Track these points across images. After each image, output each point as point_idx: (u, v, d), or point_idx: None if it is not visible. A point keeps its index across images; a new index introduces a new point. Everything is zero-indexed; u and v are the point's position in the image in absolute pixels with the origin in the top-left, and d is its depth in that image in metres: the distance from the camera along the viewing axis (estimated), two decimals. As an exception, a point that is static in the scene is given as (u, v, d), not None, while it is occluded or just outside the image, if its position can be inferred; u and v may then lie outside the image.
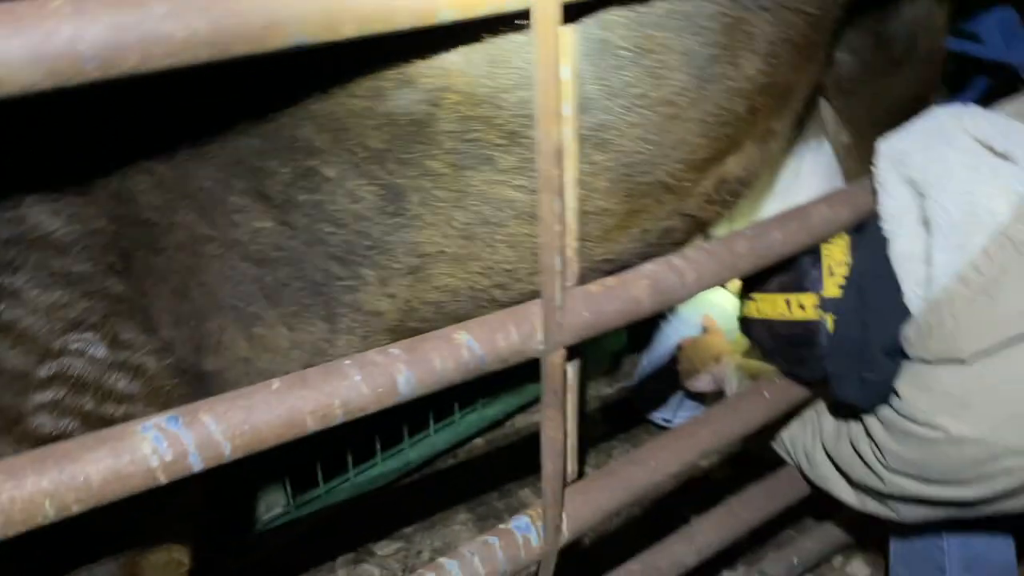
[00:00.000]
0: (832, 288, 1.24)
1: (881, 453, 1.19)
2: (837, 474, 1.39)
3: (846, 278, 1.22)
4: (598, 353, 2.90)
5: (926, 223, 1.09)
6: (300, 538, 2.21)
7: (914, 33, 1.47)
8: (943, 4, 1.55)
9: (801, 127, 1.58)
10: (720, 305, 2.28)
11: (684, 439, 1.29)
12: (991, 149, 1.09)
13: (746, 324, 1.44)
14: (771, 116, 1.21)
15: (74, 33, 0.55)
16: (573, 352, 0.96)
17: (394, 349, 0.83)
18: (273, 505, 2.14)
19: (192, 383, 1.02)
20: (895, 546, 1.66)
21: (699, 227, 1.30)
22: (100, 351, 0.90)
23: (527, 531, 1.08)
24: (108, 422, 0.71)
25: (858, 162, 1.59)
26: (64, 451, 0.68)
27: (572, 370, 0.98)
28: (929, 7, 1.48)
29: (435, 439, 2.45)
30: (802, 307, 1.27)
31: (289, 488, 2.13)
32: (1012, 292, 1.01)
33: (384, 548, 2.25)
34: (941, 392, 1.08)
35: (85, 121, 0.89)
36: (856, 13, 1.34)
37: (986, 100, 1.28)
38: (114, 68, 0.57)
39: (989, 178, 1.05)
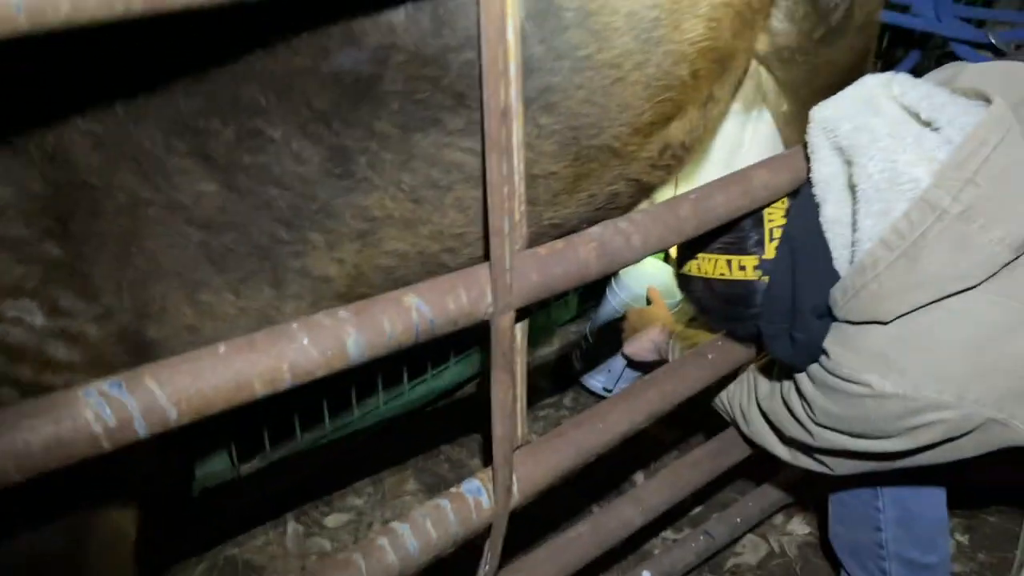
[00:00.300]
0: (772, 251, 1.28)
1: (811, 408, 1.23)
2: (770, 430, 1.44)
3: (780, 239, 1.26)
4: (546, 323, 2.92)
5: (853, 189, 1.13)
6: (248, 511, 2.19)
7: (851, 3, 1.50)
8: (879, -26, 1.59)
9: (742, 95, 1.61)
10: (664, 277, 2.33)
11: (632, 401, 1.32)
12: (917, 116, 1.13)
13: (685, 281, 1.47)
14: (713, 82, 1.23)
15: (2, -19, 0.53)
16: (521, 315, 0.96)
17: (342, 312, 0.82)
18: (217, 470, 2.11)
19: (134, 352, 1.00)
20: (833, 505, 1.73)
21: (644, 191, 1.32)
22: (38, 319, 0.87)
23: (478, 494, 1.09)
24: (47, 392, 0.69)
25: (797, 131, 1.63)
26: (2, 418, 0.66)
27: (521, 333, 0.99)
28: (865, -23, 1.51)
29: (383, 410, 2.45)
30: (742, 268, 1.31)
31: (235, 453, 2.11)
32: (931, 255, 1.05)
33: (334, 520, 2.25)
34: (866, 350, 1.13)
35: (16, 78, 0.85)
36: (795, -18, 1.36)
37: (918, 72, 1.32)
38: (46, 18, 0.55)
39: (912, 146, 1.09)
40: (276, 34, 0.89)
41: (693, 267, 1.41)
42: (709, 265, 1.36)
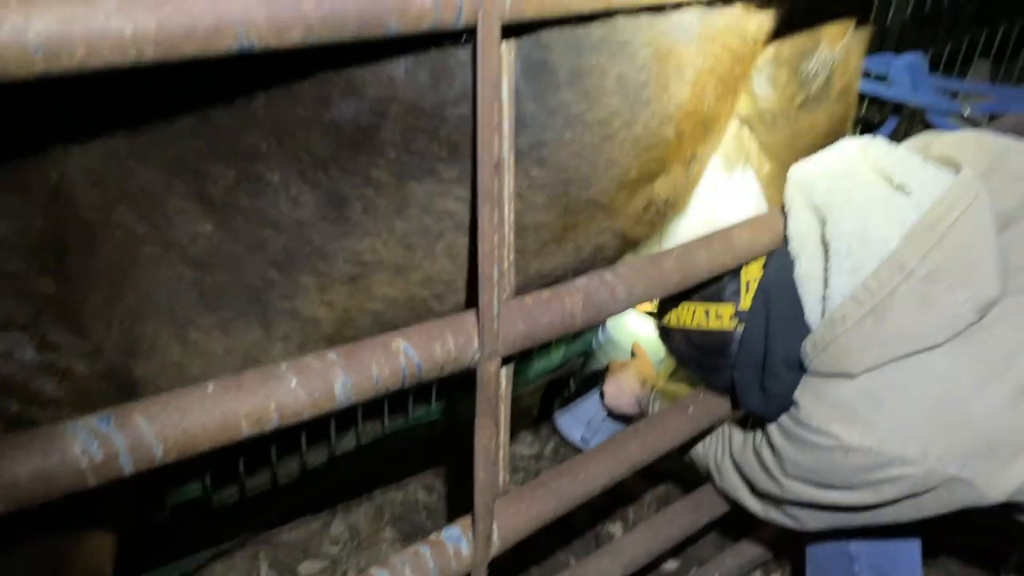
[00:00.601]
0: (747, 301, 1.31)
1: (780, 460, 1.25)
2: (742, 482, 1.45)
3: (756, 291, 1.30)
4: (527, 373, 2.92)
5: (826, 246, 1.17)
6: (221, 557, 2.15)
7: (830, 72, 1.56)
8: (857, 46, 1.66)
9: (724, 155, 1.65)
10: (648, 333, 2.35)
11: (614, 452, 1.33)
12: (890, 180, 1.18)
13: (665, 332, 1.50)
14: (697, 142, 1.27)
15: (22, 24, 0.55)
16: (507, 363, 0.98)
17: (331, 354, 0.83)
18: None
19: (121, 388, 1.00)
20: (810, 560, 1.73)
21: (629, 245, 1.35)
22: (28, 353, 0.87)
23: (458, 541, 1.08)
24: (32, 427, 0.69)
25: (779, 191, 1.67)
26: (-10, 450, 0.67)
27: (506, 380, 1.00)
28: (845, 48, 1.57)
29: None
30: (719, 317, 1.34)
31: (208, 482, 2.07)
32: (898, 313, 1.09)
33: (307, 568, 2.22)
34: (834, 403, 1.15)
35: (25, 115, 0.87)
36: (777, 51, 1.42)
37: (894, 138, 1.37)
38: (60, 62, 0.57)
39: (883, 208, 1.14)
40: (280, 83, 0.92)
41: (672, 318, 1.44)
42: (687, 315, 1.39)
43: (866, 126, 3.04)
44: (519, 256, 1.17)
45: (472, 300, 0.92)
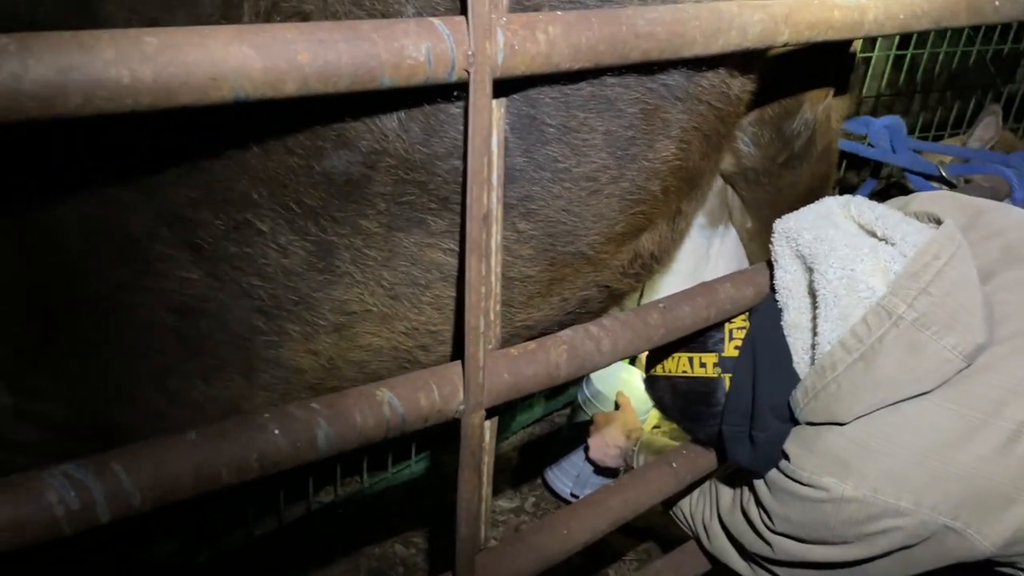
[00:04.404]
0: (731, 349, 1.32)
1: (768, 517, 1.24)
2: (731, 545, 1.43)
3: (743, 340, 1.30)
4: (509, 424, 2.90)
5: (813, 295, 1.18)
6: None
7: (812, 132, 1.60)
8: (839, 108, 1.71)
9: (708, 211, 1.68)
10: (633, 384, 2.35)
11: (595, 508, 1.31)
12: (872, 234, 1.20)
13: (651, 382, 1.50)
14: (682, 198, 1.30)
15: (18, 70, 0.55)
16: (491, 415, 0.97)
17: (314, 403, 0.82)
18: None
19: (99, 435, 0.98)
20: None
21: (614, 298, 1.36)
22: (4, 398, 0.86)
23: (438, 597, 1.06)
24: (11, 473, 0.67)
25: (761, 247, 1.70)
26: (-38, 498, 0.65)
27: (490, 433, 1.00)
28: (826, 110, 1.62)
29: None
30: (703, 365, 1.34)
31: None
32: (886, 359, 1.10)
33: (283, 622, 2.16)
34: (825, 452, 1.15)
35: (14, 159, 0.87)
36: (760, 110, 1.46)
37: (872, 199, 1.40)
38: (55, 108, 0.58)
39: (869, 256, 1.15)
40: (273, 133, 0.93)
41: (658, 368, 1.44)
42: (672, 363, 1.40)
43: (845, 188, 3.11)
44: (505, 308, 1.17)
45: (458, 351, 0.92)
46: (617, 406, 2.26)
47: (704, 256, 1.83)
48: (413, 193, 0.99)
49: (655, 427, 2.50)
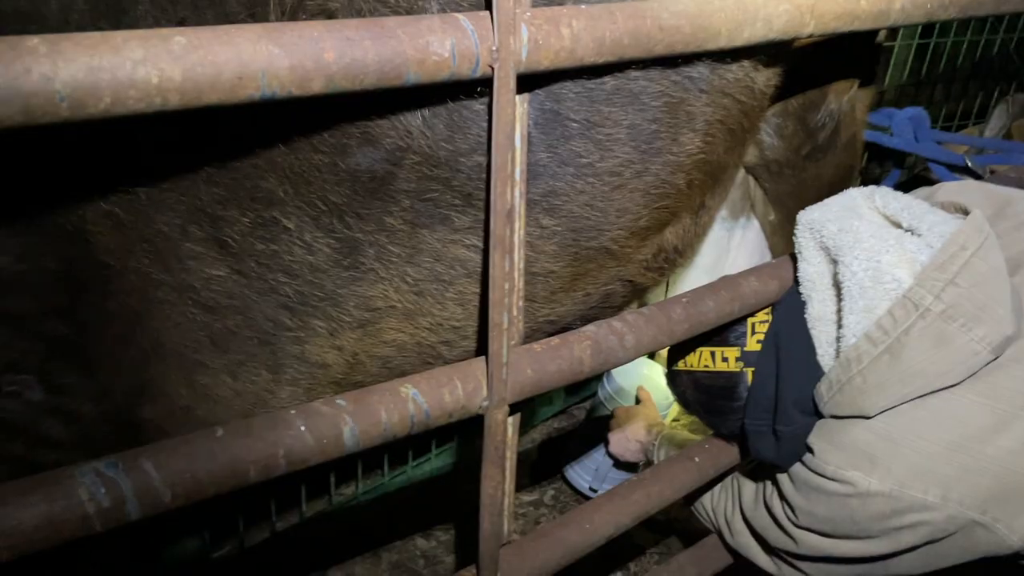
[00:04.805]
0: (753, 343, 1.30)
1: (792, 511, 1.23)
2: (754, 540, 1.42)
3: (766, 334, 1.29)
4: (529, 418, 2.91)
5: (838, 287, 1.17)
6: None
7: (836, 124, 1.58)
8: (863, 99, 1.69)
9: (731, 204, 1.67)
10: (654, 379, 2.34)
11: (619, 502, 1.31)
12: (898, 224, 1.18)
13: (672, 377, 1.49)
14: (705, 191, 1.28)
15: (48, 72, 0.56)
16: (515, 411, 0.97)
17: (340, 400, 0.83)
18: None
19: (127, 431, 0.99)
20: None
21: (637, 292, 1.35)
22: (36, 394, 0.87)
23: (462, 592, 1.06)
24: (38, 469, 0.68)
25: (784, 239, 1.69)
26: (-3, 495, 0.66)
27: (513, 428, 0.99)
28: (851, 101, 1.60)
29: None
30: (725, 359, 1.33)
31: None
32: (913, 351, 1.08)
33: (305, 616, 2.18)
34: (851, 446, 1.14)
35: (47, 158, 0.88)
36: (785, 102, 1.44)
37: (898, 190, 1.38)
38: (86, 109, 0.58)
39: (895, 247, 1.14)
40: (299, 131, 0.93)
41: (680, 363, 1.43)
42: (694, 357, 1.39)
43: (868, 180, 3.07)
44: (529, 303, 1.17)
45: (481, 347, 0.92)
46: (638, 401, 2.26)
47: (725, 248, 1.82)
48: (437, 190, 0.98)
49: (674, 420, 2.49)
